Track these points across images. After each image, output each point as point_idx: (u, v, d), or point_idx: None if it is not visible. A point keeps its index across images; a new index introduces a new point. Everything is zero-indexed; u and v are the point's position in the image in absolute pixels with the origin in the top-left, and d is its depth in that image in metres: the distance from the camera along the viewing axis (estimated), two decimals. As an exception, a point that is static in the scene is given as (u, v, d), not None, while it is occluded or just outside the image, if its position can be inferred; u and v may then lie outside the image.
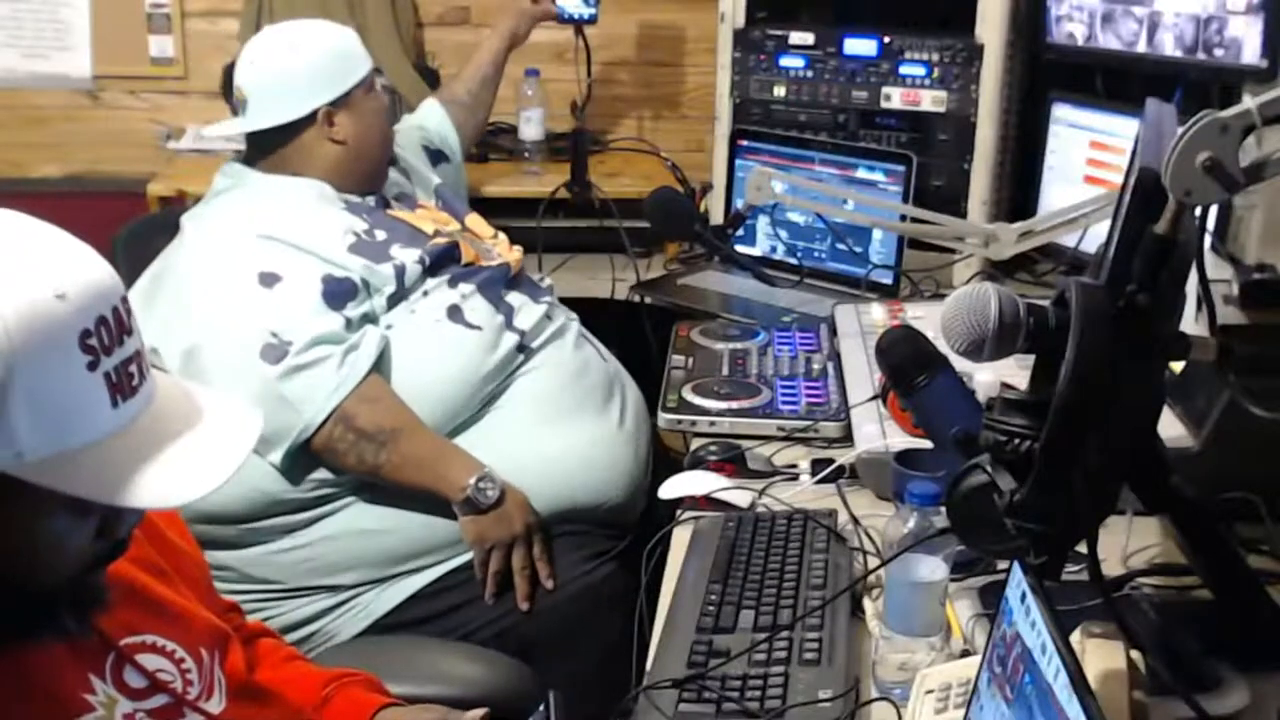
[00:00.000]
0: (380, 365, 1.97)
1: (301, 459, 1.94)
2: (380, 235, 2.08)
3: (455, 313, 2.05)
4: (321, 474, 1.97)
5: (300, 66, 2.12)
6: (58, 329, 0.94)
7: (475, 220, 2.33)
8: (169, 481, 1.00)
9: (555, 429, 2.06)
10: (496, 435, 2.03)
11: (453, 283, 2.08)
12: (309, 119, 2.13)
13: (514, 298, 2.13)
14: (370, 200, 2.18)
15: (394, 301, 2.04)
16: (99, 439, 0.96)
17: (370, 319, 2.01)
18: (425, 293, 2.06)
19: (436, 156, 2.54)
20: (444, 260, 2.10)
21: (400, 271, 2.03)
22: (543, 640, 1.94)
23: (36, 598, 1.03)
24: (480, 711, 1.40)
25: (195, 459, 1.02)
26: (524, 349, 2.08)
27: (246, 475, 1.92)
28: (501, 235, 2.32)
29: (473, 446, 2.00)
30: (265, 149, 2.16)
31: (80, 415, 0.95)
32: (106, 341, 0.96)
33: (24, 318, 0.92)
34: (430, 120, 2.61)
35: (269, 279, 1.97)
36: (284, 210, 2.07)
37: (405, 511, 1.99)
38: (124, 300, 1.00)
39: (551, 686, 1.32)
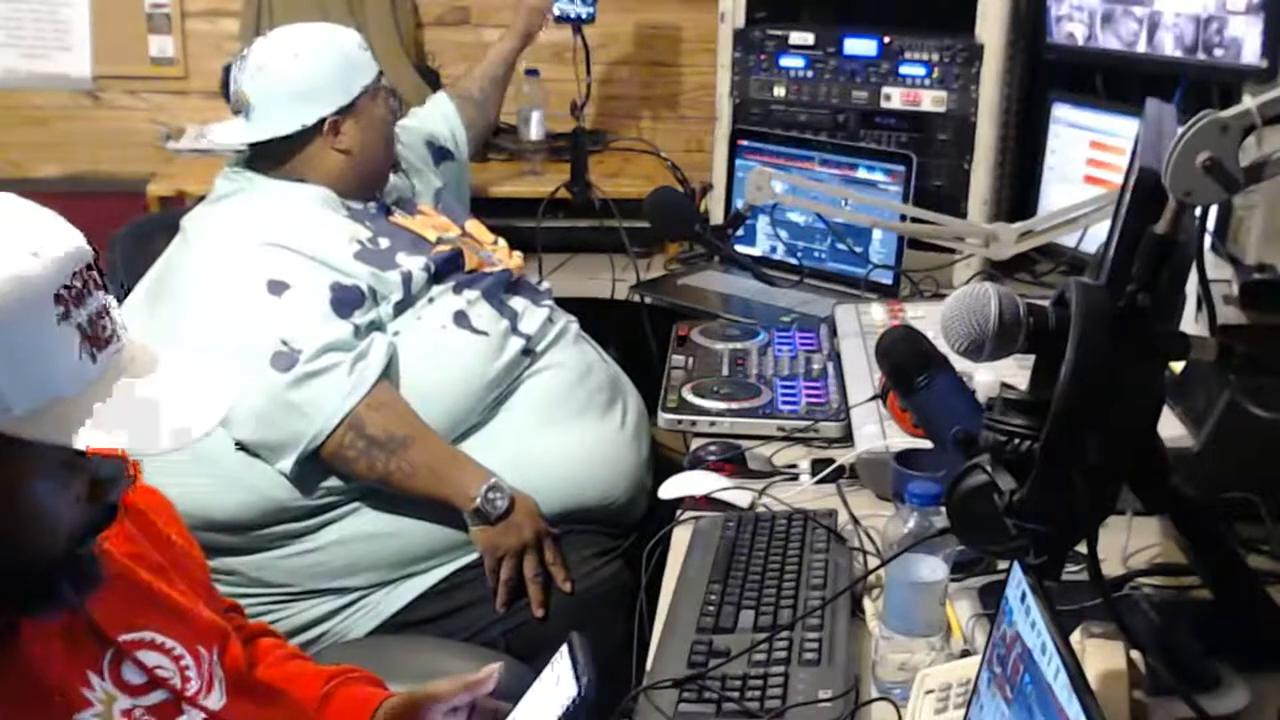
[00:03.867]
0: (389, 372, 1.98)
1: (311, 467, 1.94)
2: (384, 243, 2.08)
3: (461, 319, 2.06)
4: (330, 481, 1.97)
5: (305, 76, 2.10)
6: (33, 285, 0.97)
7: (475, 226, 2.33)
8: (141, 430, 1.02)
9: (562, 430, 2.06)
10: (505, 438, 2.04)
11: (458, 289, 2.08)
12: (314, 128, 2.12)
13: (517, 302, 2.13)
14: (372, 206, 2.18)
15: (400, 309, 2.04)
16: (79, 389, 1.00)
17: (377, 326, 2.01)
18: (431, 300, 2.06)
19: (440, 154, 2.53)
20: (448, 267, 2.10)
21: (407, 279, 2.03)
22: (548, 639, 1.94)
23: (31, 571, 1.04)
24: (495, 666, 1.42)
25: (178, 408, 1.05)
26: (530, 352, 2.09)
27: (256, 483, 1.94)
28: (501, 240, 2.32)
29: (481, 449, 2.01)
30: (268, 155, 2.15)
31: (57, 365, 0.99)
32: (78, 295, 1.00)
33: (4, 276, 0.96)
34: (438, 115, 2.59)
35: (278, 287, 1.97)
36: (290, 218, 2.06)
37: (413, 514, 1.99)
38: (95, 258, 1.04)
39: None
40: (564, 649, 1.29)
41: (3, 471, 1.00)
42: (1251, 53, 2.10)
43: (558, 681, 1.27)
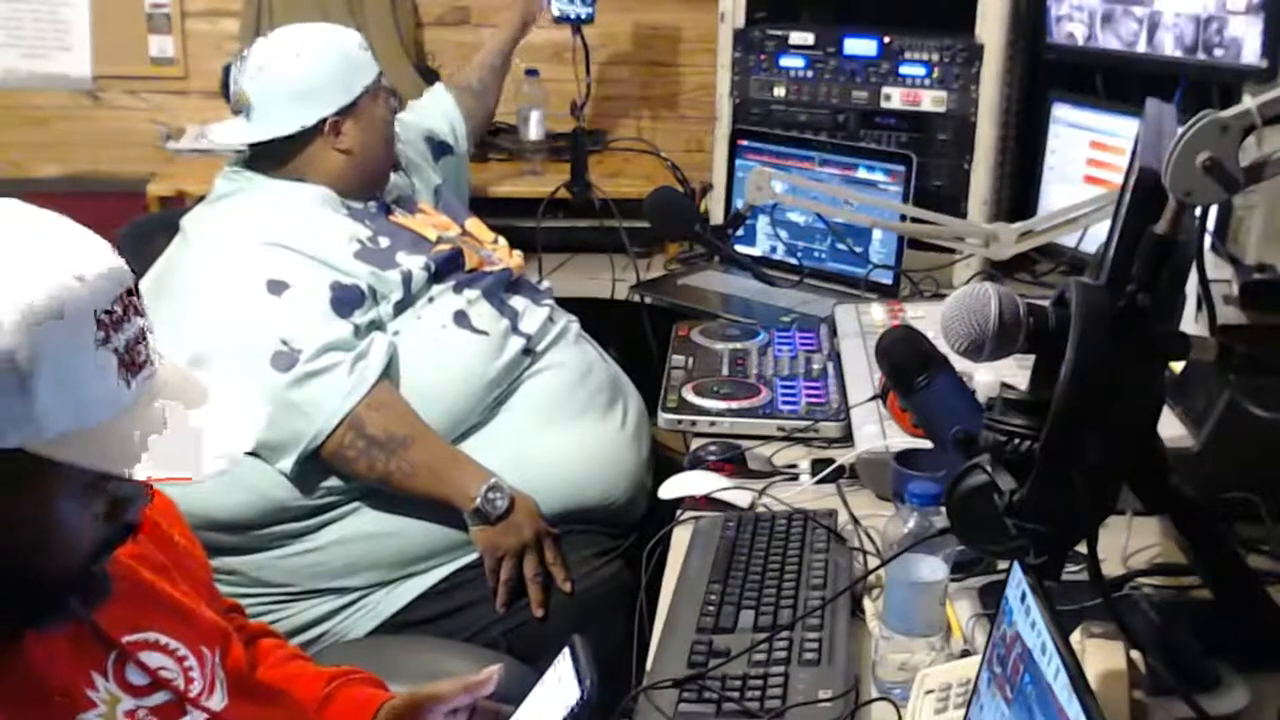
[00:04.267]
0: (389, 372, 1.98)
1: (311, 466, 1.94)
2: (384, 242, 2.08)
3: (461, 318, 2.06)
4: (331, 481, 1.97)
5: (307, 76, 2.11)
6: (77, 309, 0.97)
7: (475, 224, 2.33)
8: (180, 456, 1.02)
9: (562, 430, 2.06)
10: (505, 437, 2.03)
11: (458, 289, 2.08)
12: (315, 129, 2.12)
13: (517, 301, 2.13)
14: (372, 206, 2.18)
15: (400, 308, 2.04)
16: (112, 414, 1.00)
17: (377, 326, 2.01)
18: (431, 299, 2.06)
19: (440, 149, 2.53)
20: (448, 267, 2.10)
21: (407, 278, 2.03)
22: (548, 639, 1.94)
23: (46, 586, 1.04)
24: (495, 667, 1.42)
25: (206, 437, 1.05)
26: (530, 352, 2.09)
27: (256, 483, 1.94)
28: (501, 239, 2.32)
29: (481, 449, 2.01)
30: (269, 155, 2.15)
31: (94, 391, 0.99)
32: (118, 320, 1.00)
33: (51, 299, 0.96)
34: (437, 110, 2.59)
35: (277, 287, 1.97)
36: (290, 217, 2.06)
37: (413, 514, 1.99)
38: (135, 283, 1.04)
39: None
40: (565, 651, 1.29)
41: (31, 492, 1.00)
42: (1251, 53, 2.10)
43: (559, 683, 1.27)
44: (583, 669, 1.25)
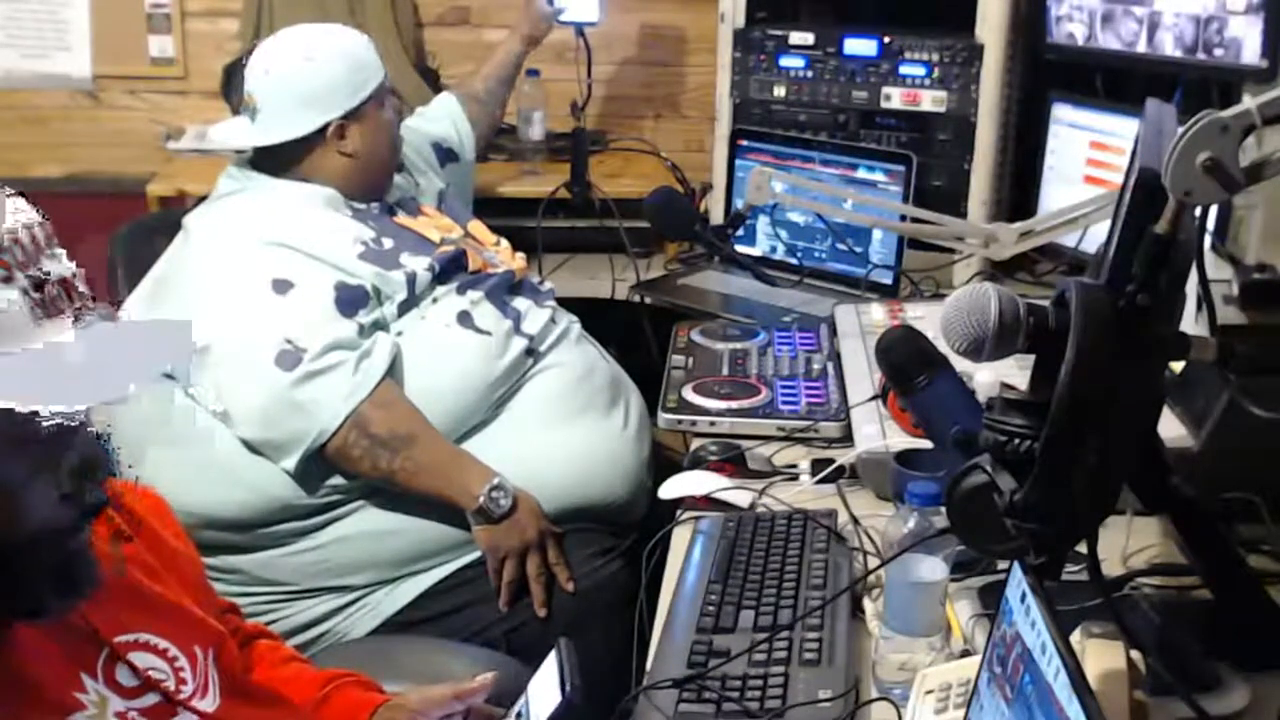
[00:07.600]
0: (393, 371, 1.98)
1: (315, 465, 1.94)
2: (388, 243, 2.09)
3: (465, 319, 2.06)
4: (334, 479, 1.97)
5: (314, 80, 2.11)
6: None
7: (477, 226, 2.33)
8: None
9: (564, 430, 2.06)
10: (507, 437, 2.04)
11: (461, 290, 2.09)
12: (320, 131, 2.12)
13: (520, 303, 2.13)
14: (375, 207, 2.18)
15: (404, 309, 2.04)
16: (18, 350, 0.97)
17: (381, 326, 2.01)
18: (435, 300, 2.06)
19: (447, 156, 2.53)
20: (452, 268, 2.10)
21: (411, 279, 2.03)
22: (549, 638, 1.94)
23: (11, 565, 1.01)
24: (489, 675, 1.43)
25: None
26: (533, 352, 2.09)
27: (259, 481, 1.94)
28: (503, 241, 2.32)
29: (484, 449, 2.01)
30: (273, 155, 2.15)
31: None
32: (20, 258, 0.99)
33: None
34: (445, 117, 2.59)
35: (282, 286, 1.97)
36: (294, 217, 2.06)
37: (416, 513, 1.99)
38: (48, 230, 1.03)
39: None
40: (552, 655, 1.29)
41: None
42: (1251, 53, 2.10)
43: (545, 687, 1.28)
44: (566, 674, 1.25)
